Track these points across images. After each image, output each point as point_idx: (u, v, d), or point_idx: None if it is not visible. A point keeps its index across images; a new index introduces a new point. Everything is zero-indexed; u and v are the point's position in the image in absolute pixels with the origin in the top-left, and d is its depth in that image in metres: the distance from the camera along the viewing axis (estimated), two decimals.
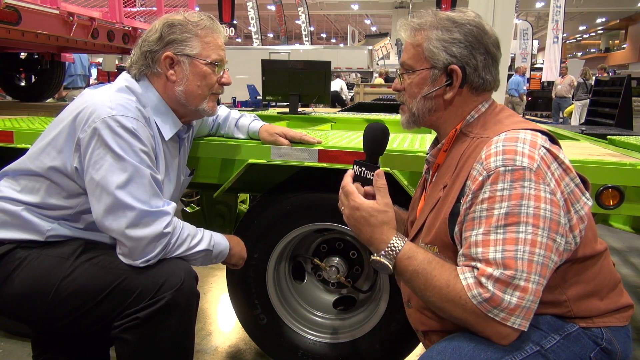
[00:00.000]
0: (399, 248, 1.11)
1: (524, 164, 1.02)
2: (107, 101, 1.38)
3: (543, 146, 1.06)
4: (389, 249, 1.12)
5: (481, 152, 1.09)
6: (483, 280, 1.00)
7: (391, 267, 1.12)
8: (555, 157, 1.07)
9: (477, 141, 1.15)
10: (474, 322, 1.02)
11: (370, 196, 1.37)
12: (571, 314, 1.11)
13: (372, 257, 1.15)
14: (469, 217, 1.06)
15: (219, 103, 1.95)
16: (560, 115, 12.57)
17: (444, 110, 1.23)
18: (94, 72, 11.83)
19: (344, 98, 12.86)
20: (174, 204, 1.43)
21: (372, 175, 1.36)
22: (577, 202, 1.07)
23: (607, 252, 1.19)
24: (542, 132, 1.11)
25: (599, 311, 1.12)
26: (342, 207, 1.22)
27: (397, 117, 2.86)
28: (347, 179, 1.22)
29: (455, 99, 1.21)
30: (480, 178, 1.05)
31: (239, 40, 36.63)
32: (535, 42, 24.89)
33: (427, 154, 1.35)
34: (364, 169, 1.36)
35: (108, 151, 1.33)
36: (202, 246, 1.45)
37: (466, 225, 1.07)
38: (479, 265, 1.02)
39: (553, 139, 1.13)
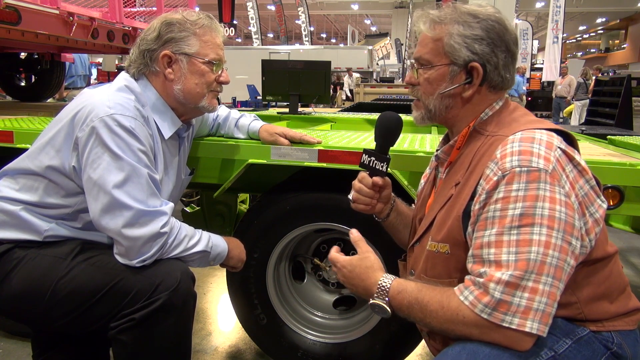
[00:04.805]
0: (388, 285, 1.11)
1: (540, 166, 1.00)
2: (106, 100, 1.38)
3: (559, 147, 1.04)
4: (379, 289, 1.12)
5: (496, 151, 1.07)
6: (492, 285, 0.98)
7: (387, 307, 1.11)
8: (571, 159, 1.05)
9: (491, 139, 1.13)
10: (480, 334, 1.00)
11: (377, 186, 1.36)
12: (582, 317, 1.09)
13: (370, 302, 1.14)
14: (482, 217, 1.04)
15: (219, 102, 1.95)
16: (560, 115, 12.57)
17: (460, 108, 1.20)
18: (94, 72, 11.83)
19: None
20: (171, 204, 1.43)
21: (382, 167, 1.32)
22: (591, 204, 1.06)
23: (617, 255, 1.16)
24: (558, 132, 1.09)
25: (609, 314, 1.10)
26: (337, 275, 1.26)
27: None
28: (333, 250, 1.27)
29: (474, 97, 1.18)
30: (495, 178, 1.03)
31: (239, 40, 36.63)
32: (535, 42, 24.91)
33: (437, 150, 1.31)
34: (373, 158, 1.32)
35: (106, 150, 1.33)
36: (199, 247, 1.45)
37: (479, 225, 1.05)
38: (488, 270, 1.00)
39: (569, 139, 1.11)
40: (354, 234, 1.26)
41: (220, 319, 2.67)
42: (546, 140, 1.04)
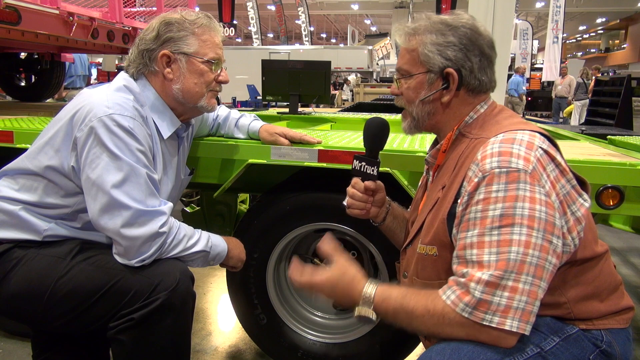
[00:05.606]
0: (372, 294, 1.12)
1: (519, 166, 1.02)
2: (105, 100, 1.38)
3: (540, 147, 1.06)
4: (363, 298, 1.13)
5: (477, 153, 1.09)
6: (472, 285, 1.00)
7: (372, 315, 1.12)
8: (552, 159, 1.07)
9: (475, 142, 1.15)
10: (467, 335, 1.02)
11: (370, 190, 1.39)
12: (571, 316, 1.10)
13: (355, 313, 1.14)
14: (464, 219, 1.06)
15: (218, 102, 1.95)
16: (560, 115, 12.58)
17: (442, 113, 1.23)
18: (94, 72, 11.83)
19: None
20: (170, 204, 1.43)
21: (373, 170, 1.36)
22: (573, 203, 1.07)
23: (607, 254, 1.18)
24: (541, 134, 1.10)
25: (599, 313, 1.12)
26: (314, 295, 1.24)
27: (397, 117, 2.86)
28: (295, 274, 1.22)
29: (453, 101, 1.21)
30: (476, 179, 1.05)
31: (239, 40, 36.62)
32: (535, 42, 24.90)
33: (427, 154, 1.35)
34: (364, 163, 1.37)
35: (104, 150, 1.33)
36: (199, 247, 1.45)
37: (462, 227, 1.07)
38: (470, 270, 1.02)
39: (551, 140, 1.12)
40: (326, 245, 1.24)
41: (220, 319, 2.67)
42: (527, 141, 1.06)
